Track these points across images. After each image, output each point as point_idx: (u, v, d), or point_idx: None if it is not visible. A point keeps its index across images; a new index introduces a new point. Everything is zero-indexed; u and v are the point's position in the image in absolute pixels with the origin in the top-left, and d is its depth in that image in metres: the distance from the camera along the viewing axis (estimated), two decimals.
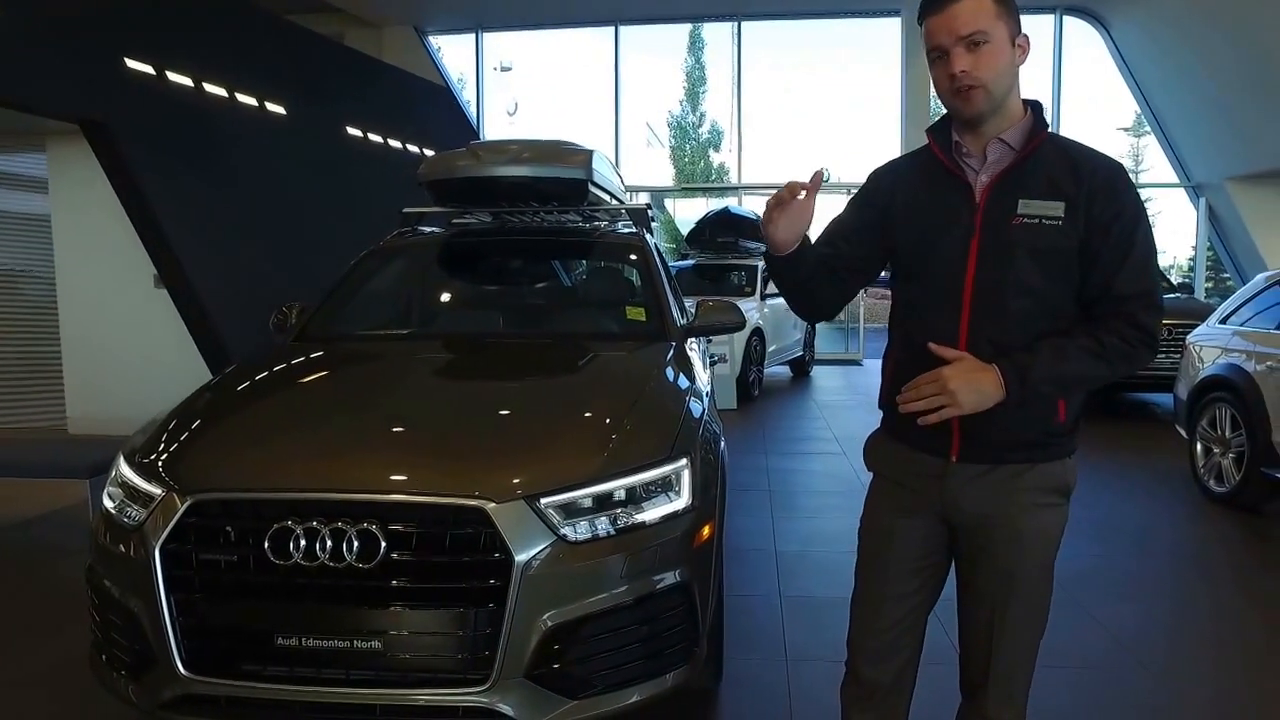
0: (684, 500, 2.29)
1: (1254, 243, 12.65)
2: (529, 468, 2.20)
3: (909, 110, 12.63)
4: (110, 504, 2.31)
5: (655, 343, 3.36)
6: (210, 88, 7.62)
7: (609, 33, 14.54)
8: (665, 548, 2.20)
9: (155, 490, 2.19)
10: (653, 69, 21.02)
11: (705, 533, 2.37)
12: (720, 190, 17.47)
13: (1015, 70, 1.64)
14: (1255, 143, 11.70)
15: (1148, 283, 1.62)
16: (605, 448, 2.29)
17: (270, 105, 8.37)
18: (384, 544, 2.01)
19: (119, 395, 6.94)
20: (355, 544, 2.01)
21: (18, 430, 7.42)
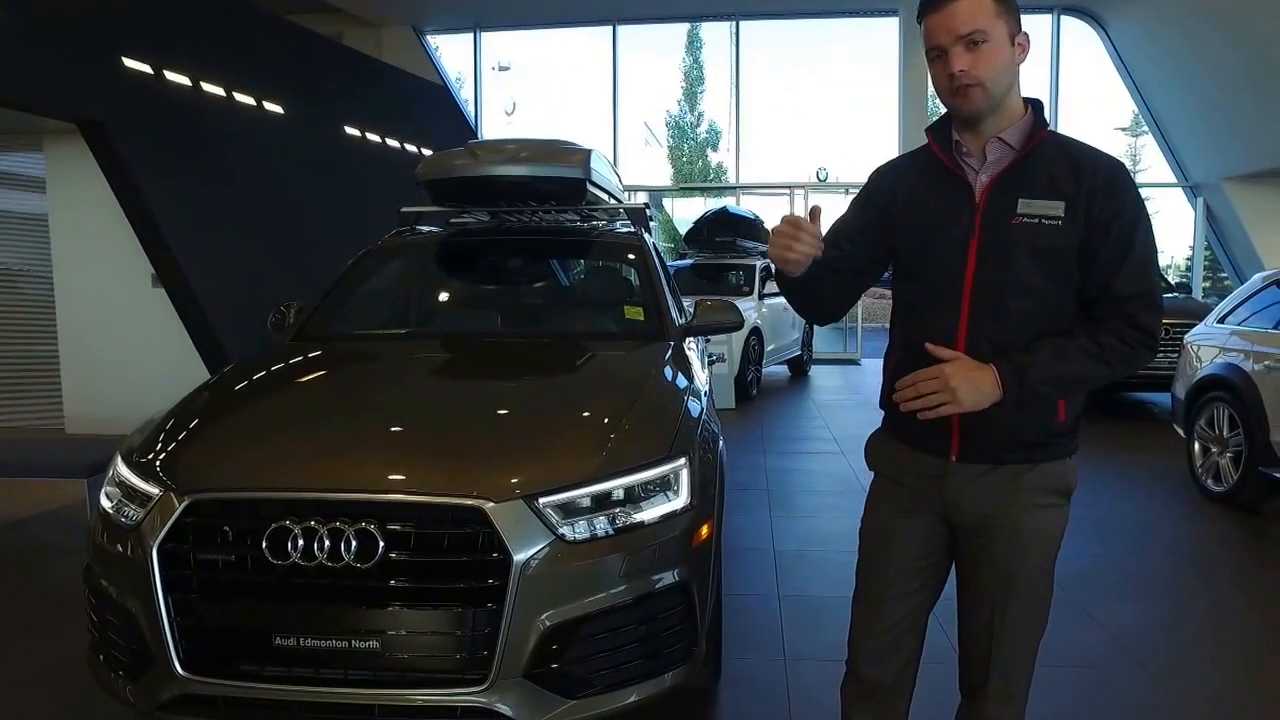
0: (682, 500, 2.29)
1: (1251, 242, 12.67)
2: (527, 467, 2.20)
3: (907, 110, 12.63)
4: (108, 504, 2.31)
5: (653, 342, 3.36)
6: (208, 87, 7.61)
7: (607, 32, 14.55)
8: (664, 547, 2.20)
9: (153, 490, 2.19)
10: (651, 68, 21.01)
11: (704, 532, 2.37)
12: (718, 190, 17.47)
13: (1015, 69, 1.63)
14: (1253, 142, 11.71)
15: (1148, 283, 1.61)
16: (604, 447, 2.29)
17: (268, 105, 8.37)
18: (382, 544, 2.01)
19: (116, 395, 6.93)
20: (353, 544, 2.00)
21: (15, 430, 7.40)
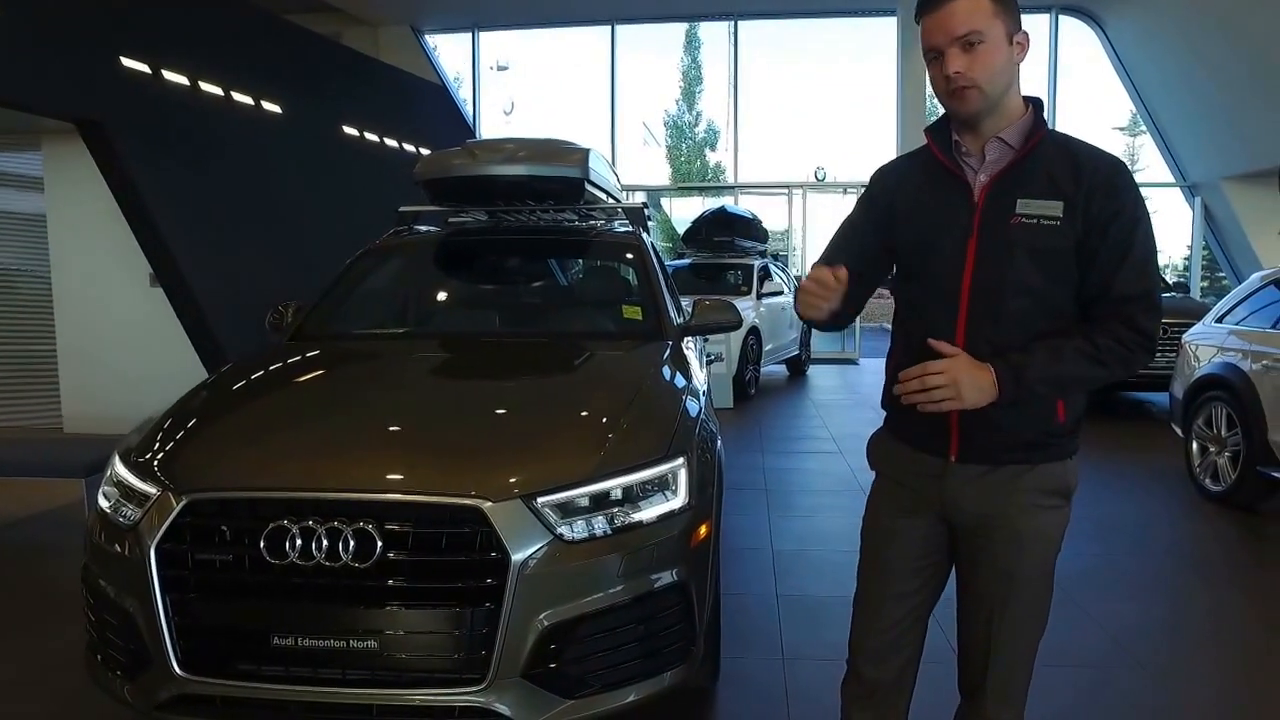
0: (681, 499, 2.29)
1: (1249, 242, 12.68)
2: (525, 467, 2.19)
3: (906, 109, 12.62)
4: (105, 503, 2.31)
5: (652, 342, 3.36)
6: (207, 87, 7.60)
7: (605, 32, 14.55)
8: (662, 547, 2.20)
9: (151, 489, 2.18)
10: (649, 68, 21.01)
11: (702, 532, 2.37)
12: (717, 189, 17.48)
13: (1013, 69, 1.62)
14: (1251, 142, 11.72)
15: (1147, 284, 1.60)
16: (602, 447, 2.28)
17: (267, 104, 8.36)
18: (380, 543, 2.00)
19: (114, 394, 6.91)
20: (351, 543, 2.00)
21: (13, 429, 7.39)
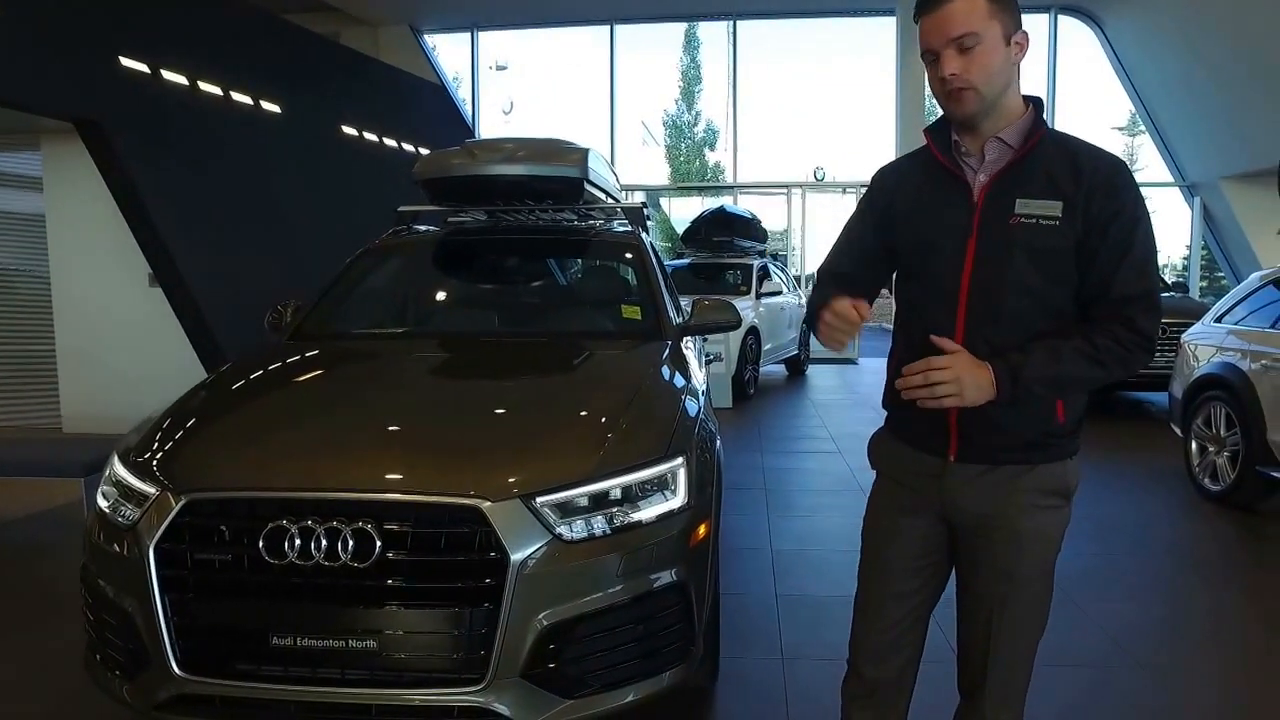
0: (680, 499, 2.29)
1: (1248, 241, 12.69)
2: (525, 466, 2.19)
3: (905, 108, 12.62)
4: (104, 503, 2.31)
5: (651, 341, 3.36)
6: (206, 86, 7.60)
7: (604, 32, 14.56)
8: (661, 547, 2.20)
9: (150, 489, 2.18)
10: (648, 68, 20.97)
11: (701, 531, 2.37)
12: (716, 189, 17.48)
13: (1011, 69, 1.62)
14: (1250, 142, 11.73)
15: (1146, 284, 1.59)
16: (601, 446, 2.28)
17: (266, 104, 8.36)
18: (379, 543, 2.00)
19: (113, 394, 6.91)
20: (350, 543, 2.00)
21: (12, 429, 7.38)
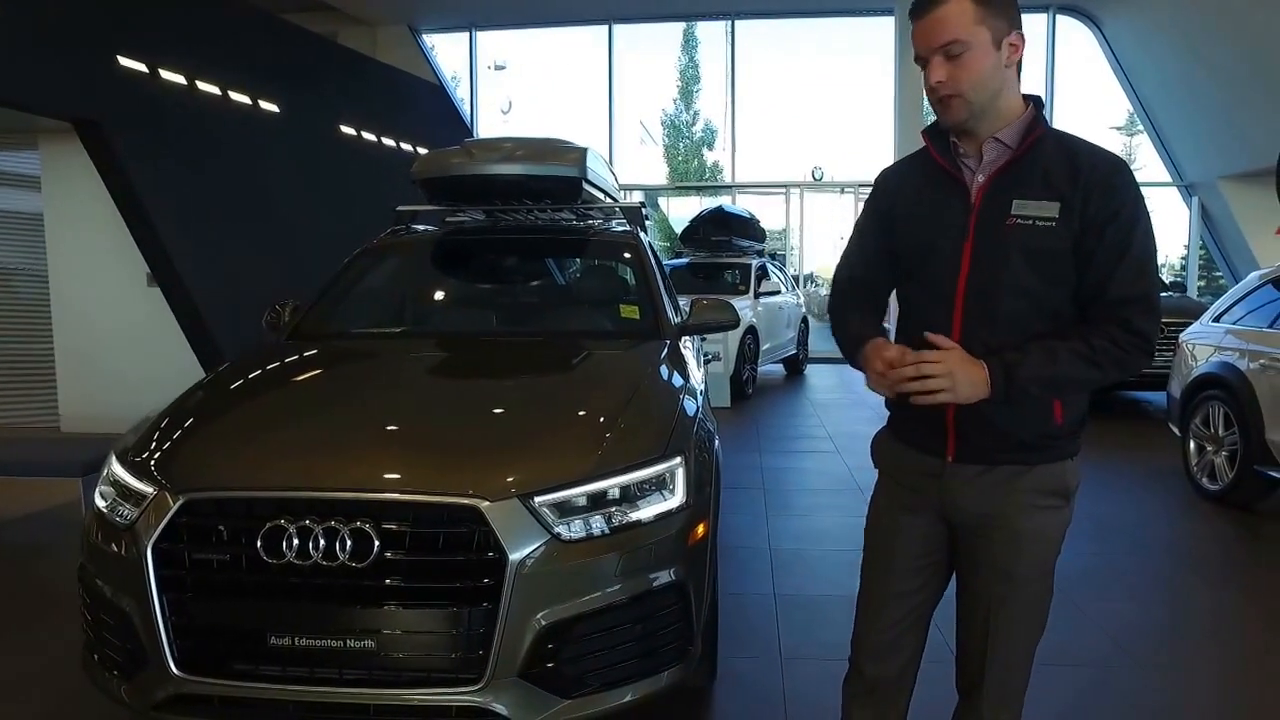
0: (678, 499, 2.29)
1: (1246, 241, 12.69)
2: (523, 466, 2.19)
3: (903, 108, 12.63)
4: (102, 503, 2.30)
5: (649, 341, 3.36)
6: (204, 86, 7.59)
7: (603, 31, 14.54)
8: (659, 546, 2.20)
9: (147, 489, 2.18)
10: (646, 67, 20.90)
11: (699, 531, 2.37)
12: (714, 189, 17.46)
13: (1003, 72, 1.60)
14: (1248, 141, 11.73)
15: (1145, 285, 1.58)
16: (599, 446, 2.29)
17: (264, 104, 8.35)
18: (377, 543, 2.00)
19: (112, 394, 6.91)
20: (349, 543, 2.00)
21: (10, 429, 7.38)
